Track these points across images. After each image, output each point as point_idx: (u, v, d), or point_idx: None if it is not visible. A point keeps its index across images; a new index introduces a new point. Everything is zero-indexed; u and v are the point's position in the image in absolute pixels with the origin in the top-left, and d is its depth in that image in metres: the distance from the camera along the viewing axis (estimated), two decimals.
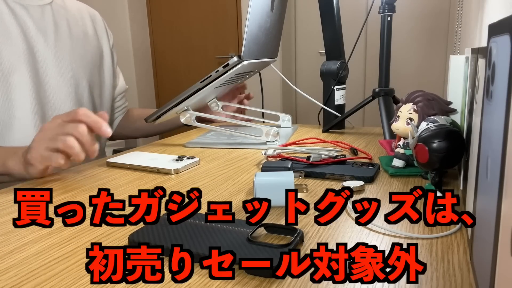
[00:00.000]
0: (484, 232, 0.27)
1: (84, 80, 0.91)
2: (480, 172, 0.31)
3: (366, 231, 0.41)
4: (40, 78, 0.82)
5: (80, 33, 0.92)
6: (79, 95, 0.90)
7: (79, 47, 0.91)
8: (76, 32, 0.91)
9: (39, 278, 0.35)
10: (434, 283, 0.32)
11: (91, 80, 0.93)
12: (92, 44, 0.95)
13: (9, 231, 0.44)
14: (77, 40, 0.91)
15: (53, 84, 0.84)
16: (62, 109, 0.86)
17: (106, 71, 0.99)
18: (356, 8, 2.87)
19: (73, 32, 0.90)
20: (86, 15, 0.97)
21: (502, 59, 0.23)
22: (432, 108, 0.57)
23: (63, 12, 0.89)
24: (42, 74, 0.83)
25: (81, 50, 0.91)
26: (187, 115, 0.85)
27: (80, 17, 0.94)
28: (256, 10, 0.75)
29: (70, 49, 0.89)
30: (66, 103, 0.87)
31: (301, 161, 0.64)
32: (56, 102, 0.85)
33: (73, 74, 0.88)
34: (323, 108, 0.99)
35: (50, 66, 0.84)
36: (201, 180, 0.61)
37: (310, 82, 3.15)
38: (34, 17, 0.83)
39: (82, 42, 0.92)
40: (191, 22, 3.33)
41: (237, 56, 0.75)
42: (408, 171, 0.59)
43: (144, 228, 0.41)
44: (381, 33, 0.85)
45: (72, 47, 0.89)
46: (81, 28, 0.93)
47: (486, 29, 0.72)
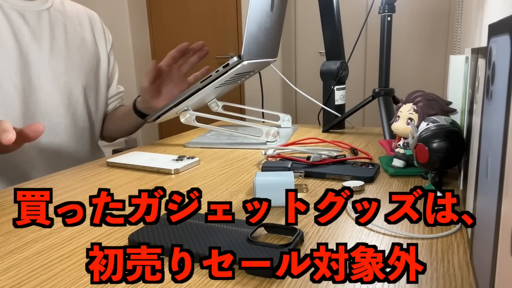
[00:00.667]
0: (484, 232, 0.27)
1: (79, 87, 0.90)
2: (480, 172, 0.31)
3: (366, 231, 0.41)
4: (33, 86, 0.81)
5: (78, 39, 0.91)
6: (73, 102, 0.89)
7: (75, 53, 0.90)
8: (73, 38, 0.90)
9: (39, 278, 0.35)
10: (434, 283, 0.32)
11: (87, 85, 0.93)
12: (90, 49, 0.94)
13: (9, 231, 0.44)
14: (73, 46, 0.90)
15: (46, 92, 0.84)
16: (54, 117, 0.85)
17: (102, 76, 0.98)
18: (356, 8, 2.87)
19: (70, 38, 0.89)
20: (85, 18, 0.95)
21: (502, 59, 0.23)
22: (432, 108, 0.57)
23: (60, 18, 0.88)
24: (35, 82, 0.82)
25: (78, 56, 0.90)
26: (187, 115, 0.85)
27: (78, 22, 0.93)
28: (256, 10, 0.75)
29: (66, 56, 0.88)
30: (58, 110, 0.86)
31: (301, 161, 0.64)
32: (48, 109, 0.84)
33: (67, 82, 0.87)
34: (323, 108, 0.99)
35: (44, 74, 0.83)
36: (201, 180, 0.61)
37: (310, 82, 3.15)
38: (30, 24, 0.82)
39: (79, 48, 0.91)
40: (191, 23, 3.33)
41: (237, 56, 0.75)
42: (408, 171, 0.59)
43: (144, 228, 0.41)
44: (381, 33, 0.85)
45: (68, 54, 0.88)
46: (79, 34, 0.92)
47: (486, 29, 0.72)
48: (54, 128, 0.86)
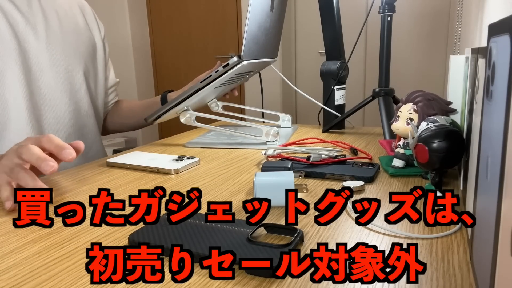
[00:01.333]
0: (484, 232, 0.27)
1: (80, 73, 0.89)
2: (480, 172, 0.31)
3: (366, 231, 0.41)
4: (33, 74, 0.79)
5: (71, 24, 0.89)
6: (76, 89, 0.88)
7: (71, 39, 0.87)
8: (66, 24, 0.87)
9: (39, 278, 0.35)
10: (434, 283, 0.32)
11: (87, 71, 0.91)
12: (84, 35, 0.92)
13: (9, 231, 0.44)
14: (68, 32, 0.87)
15: (48, 80, 0.82)
16: (58, 106, 0.84)
17: (99, 63, 0.97)
18: (356, 8, 2.87)
19: (64, 24, 0.87)
20: (75, 6, 0.93)
21: (502, 59, 0.23)
22: (432, 108, 0.57)
23: (51, 4, 0.85)
24: (35, 71, 0.80)
25: (74, 42, 0.88)
26: (187, 115, 0.85)
27: (69, 8, 0.90)
28: (256, 10, 0.75)
29: (62, 42, 0.85)
30: (62, 99, 0.85)
31: (301, 161, 0.64)
32: (52, 98, 0.83)
33: (67, 68, 0.86)
34: (323, 108, 0.99)
35: (43, 61, 0.81)
36: (201, 180, 0.61)
37: (310, 82, 3.15)
38: (22, 11, 0.78)
39: (74, 34, 0.88)
40: (191, 22, 3.33)
41: (237, 56, 0.75)
42: (408, 171, 0.59)
43: (144, 228, 0.41)
44: (381, 33, 0.85)
45: (64, 40, 0.86)
46: (71, 20, 0.89)
47: (486, 29, 0.72)
48: (58, 117, 0.85)
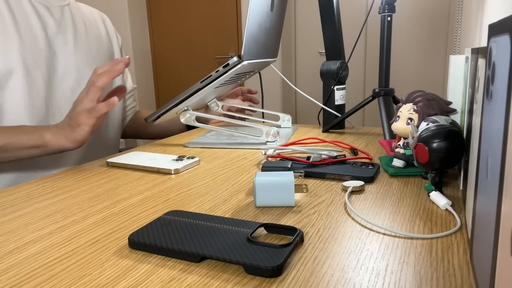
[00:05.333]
0: (484, 232, 0.27)
1: None
2: (480, 172, 0.31)
3: (366, 231, 0.41)
4: (57, 76, 0.85)
5: (95, 34, 0.97)
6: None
7: (94, 48, 0.95)
8: (91, 34, 0.95)
9: (39, 278, 0.35)
10: (434, 283, 0.32)
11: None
12: (105, 44, 1.00)
13: (9, 231, 0.44)
14: (92, 40, 0.95)
15: (71, 83, 0.88)
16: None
17: None
18: (356, 8, 2.87)
19: (89, 33, 0.95)
20: (98, 17, 1.02)
21: (502, 59, 0.23)
22: (432, 108, 0.57)
23: (79, 14, 0.94)
24: (60, 73, 0.86)
25: (96, 51, 0.95)
26: (187, 115, 0.85)
27: (93, 19, 0.99)
28: (256, 10, 0.75)
29: (87, 49, 0.93)
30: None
31: (301, 161, 0.64)
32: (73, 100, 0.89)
33: (90, 73, 0.91)
34: (323, 108, 0.99)
35: (68, 66, 0.88)
36: (201, 180, 0.61)
37: (310, 82, 3.15)
38: (55, 17, 0.87)
39: (97, 42, 0.96)
40: (191, 23, 3.33)
41: (237, 56, 0.75)
42: (408, 171, 0.59)
43: (144, 228, 0.41)
44: (381, 33, 0.85)
45: (89, 48, 0.93)
46: (95, 30, 0.98)
47: (486, 29, 0.72)
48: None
